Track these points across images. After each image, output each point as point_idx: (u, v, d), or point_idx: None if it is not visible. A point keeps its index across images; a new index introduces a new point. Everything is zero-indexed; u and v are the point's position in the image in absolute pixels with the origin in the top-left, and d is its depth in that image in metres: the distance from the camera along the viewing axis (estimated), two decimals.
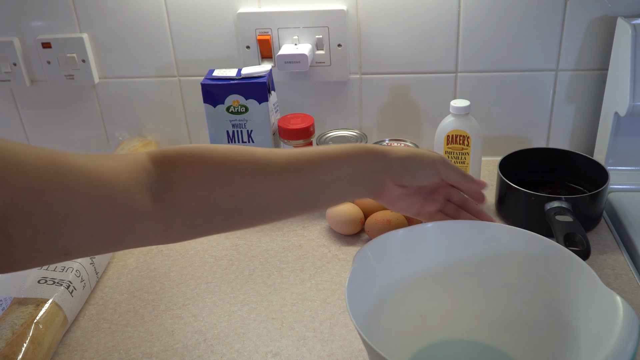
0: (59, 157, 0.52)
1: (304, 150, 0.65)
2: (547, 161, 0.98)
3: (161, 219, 0.58)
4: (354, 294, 0.60)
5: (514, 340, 0.67)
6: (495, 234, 0.67)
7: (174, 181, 0.59)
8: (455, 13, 1.01)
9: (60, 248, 0.52)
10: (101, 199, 0.53)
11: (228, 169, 0.61)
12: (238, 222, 0.63)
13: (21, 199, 0.48)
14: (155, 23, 1.07)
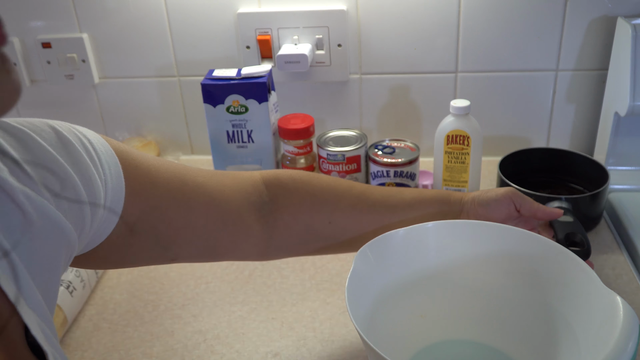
0: (185, 175, 0.57)
1: (398, 190, 0.71)
2: (547, 161, 0.98)
3: (263, 238, 0.63)
4: (354, 294, 0.60)
5: (513, 340, 0.67)
6: (495, 234, 0.67)
7: (282, 204, 0.64)
8: (455, 13, 1.01)
9: (171, 255, 0.57)
10: (216, 217, 0.59)
11: (331, 197, 0.66)
12: (331, 248, 0.69)
13: (149, 214, 0.53)
14: (155, 23, 1.07)
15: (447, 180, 0.95)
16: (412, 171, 0.95)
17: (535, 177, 0.98)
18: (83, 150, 0.48)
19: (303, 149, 0.97)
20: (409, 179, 0.95)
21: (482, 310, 0.69)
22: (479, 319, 0.69)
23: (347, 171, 0.95)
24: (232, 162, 0.99)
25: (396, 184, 0.95)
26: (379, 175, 0.95)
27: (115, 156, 0.52)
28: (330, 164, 0.95)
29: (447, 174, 0.95)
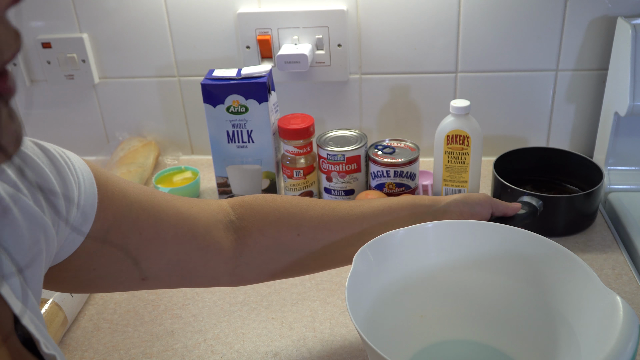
0: (153, 191, 0.59)
1: (369, 200, 0.72)
2: (542, 161, 0.99)
3: (233, 256, 0.63)
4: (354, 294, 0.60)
5: (513, 340, 0.67)
6: (495, 234, 0.67)
7: (249, 221, 0.65)
8: (455, 13, 1.01)
9: (141, 272, 0.58)
10: (185, 230, 0.59)
11: (297, 210, 0.67)
12: (304, 263, 0.68)
13: (121, 222, 0.54)
14: (155, 23, 1.07)
15: (447, 180, 0.95)
16: (412, 171, 0.95)
17: (529, 176, 0.99)
18: (57, 154, 0.50)
19: (303, 149, 0.97)
20: (409, 179, 0.95)
21: (482, 310, 0.69)
22: (479, 319, 0.69)
23: (347, 171, 0.95)
24: (232, 162, 0.99)
25: (396, 184, 0.95)
26: (379, 175, 0.95)
27: (86, 165, 0.54)
28: (330, 164, 0.95)
29: (447, 174, 0.95)
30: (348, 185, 0.97)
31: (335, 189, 0.98)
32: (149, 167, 1.11)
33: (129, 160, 1.08)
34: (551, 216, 0.87)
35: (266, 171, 0.99)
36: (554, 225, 0.89)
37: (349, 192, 0.97)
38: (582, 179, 0.96)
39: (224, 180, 1.01)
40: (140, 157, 1.10)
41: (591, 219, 0.92)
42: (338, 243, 0.68)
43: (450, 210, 0.71)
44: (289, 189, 0.99)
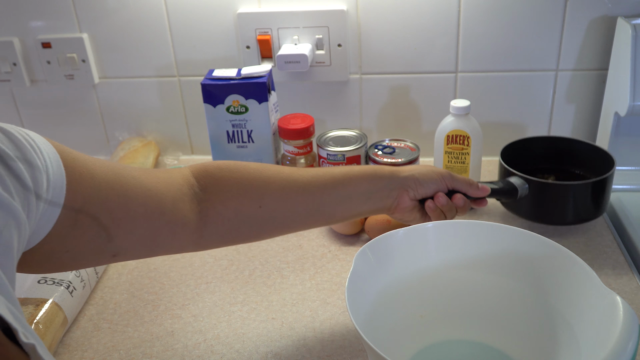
0: (121, 169, 0.59)
1: (327, 169, 0.73)
2: (550, 149, 0.97)
3: (198, 227, 0.65)
4: (354, 294, 0.60)
5: (513, 340, 0.67)
6: (495, 234, 0.67)
7: (212, 192, 0.66)
8: (455, 13, 1.01)
9: (113, 249, 0.58)
10: (154, 207, 0.60)
11: (259, 182, 0.68)
12: (265, 232, 0.71)
13: (90, 202, 0.54)
14: (155, 23, 1.07)
15: None
16: None
17: (537, 165, 0.96)
18: (22, 139, 0.50)
19: (303, 149, 0.97)
20: None
21: (482, 310, 0.69)
22: (479, 319, 0.69)
23: None
24: None
25: None
26: None
27: (51, 145, 0.54)
28: (330, 164, 0.95)
29: None
30: None
31: None
32: (149, 167, 1.11)
33: (129, 160, 1.08)
34: (550, 203, 0.85)
35: None
36: (551, 213, 0.87)
37: None
38: (591, 168, 0.92)
39: None
40: (140, 157, 1.10)
41: (597, 209, 0.87)
42: (299, 213, 0.70)
43: (406, 186, 0.74)
44: None
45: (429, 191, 0.75)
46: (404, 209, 0.75)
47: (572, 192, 0.85)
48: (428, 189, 0.75)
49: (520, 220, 0.91)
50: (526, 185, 0.83)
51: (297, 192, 0.69)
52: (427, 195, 0.75)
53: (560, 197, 0.85)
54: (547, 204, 0.86)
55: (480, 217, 0.95)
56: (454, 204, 0.76)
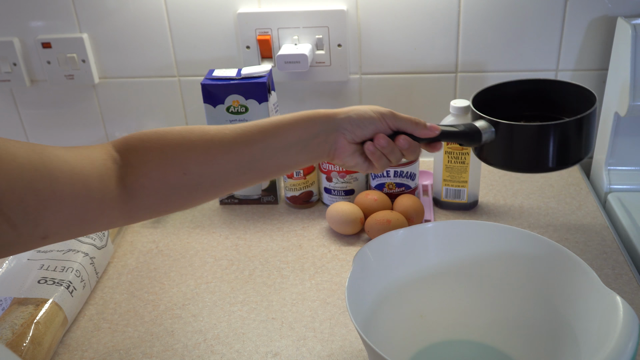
0: (43, 149, 0.57)
1: (256, 121, 0.68)
2: (529, 93, 0.85)
3: (125, 202, 0.63)
4: (354, 294, 0.60)
5: (513, 340, 0.67)
6: (495, 234, 0.67)
7: (134, 165, 0.64)
8: (455, 13, 1.01)
9: (42, 232, 0.57)
10: (80, 184, 0.59)
11: (182, 149, 0.65)
12: (196, 198, 0.68)
13: (15, 185, 0.53)
14: (155, 23, 1.07)
15: (447, 180, 0.95)
16: (412, 171, 0.95)
17: (521, 112, 0.84)
18: None
19: None
20: (409, 179, 0.95)
21: (482, 310, 0.69)
22: (479, 319, 0.69)
23: (347, 171, 0.95)
24: None
25: (396, 184, 0.95)
26: (379, 175, 0.95)
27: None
28: (330, 163, 0.95)
29: (447, 174, 0.95)
30: (348, 185, 0.97)
31: (335, 189, 0.98)
32: None
33: None
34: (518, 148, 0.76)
35: None
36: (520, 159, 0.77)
37: (349, 192, 0.97)
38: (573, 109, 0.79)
39: None
40: None
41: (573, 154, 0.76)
42: (228, 173, 0.67)
43: (342, 129, 0.68)
44: (289, 189, 0.99)
45: (368, 132, 0.69)
46: (343, 154, 0.69)
47: (541, 135, 0.74)
48: (366, 130, 0.68)
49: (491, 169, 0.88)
50: (492, 129, 0.74)
51: (223, 152, 0.65)
52: (366, 137, 0.69)
53: (528, 140, 0.75)
54: (515, 148, 0.76)
55: (480, 217, 0.95)
56: (397, 145, 0.69)
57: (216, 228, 0.97)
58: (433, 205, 0.98)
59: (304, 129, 0.68)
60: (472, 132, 0.74)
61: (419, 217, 0.91)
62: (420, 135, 0.70)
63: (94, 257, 0.84)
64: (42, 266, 0.79)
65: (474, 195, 0.96)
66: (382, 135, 0.69)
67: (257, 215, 0.99)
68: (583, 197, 0.99)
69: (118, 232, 0.96)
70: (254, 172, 0.67)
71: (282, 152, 0.67)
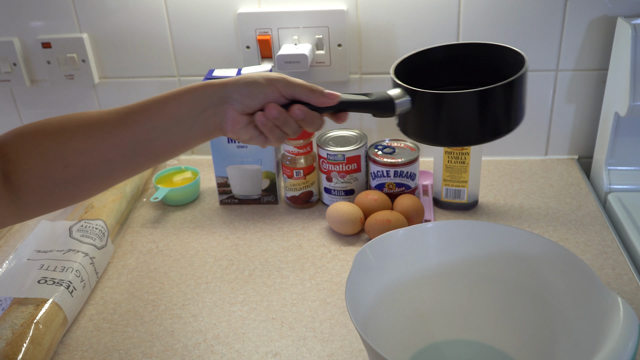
0: None
1: (141, 101, 0.63)
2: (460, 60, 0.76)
3: (12, 200, 0.60)
4: (354, 294, 0.60)
5: (513, 340, 0.67)
6: (495, 234, 0.67)
7: (15, 162, 0.60)
8: (455, 13, 1.01)
9: None
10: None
11: (60, 140, 0.61)
12: (83, 191, 0.64)
13: None
14: (155, 23, 1.07)
15: (447, 180, 0.95)
16: (412, 171, 0.95)
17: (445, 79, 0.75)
18: None
19: (303, 149, 0.97)
20: (409, 179, 0.95)
21: (482, 310, 0.69)
22: (479, 319, 0.69)
23: (347, 171, 0.95)
24: (232, 162, 0.99)
25: (396, 184, 0.95)
26: (379, 175, 0.95)
27: None
28: (330, 164, 0.95)
29: (447, 174, 0.95)
30: (348, 185, 0.97)
31: (335, 189, 0.98)
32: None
33: None
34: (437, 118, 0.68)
35: (266, 171, 0.99)
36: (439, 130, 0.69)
37: (349, 192, 0.97)
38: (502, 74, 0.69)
39: (224, 180, 1.01)
40: None
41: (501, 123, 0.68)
42: (113, 161, 0.62)
43: (231, 99, 0.63)
44: (289, 189, 0.99)
45: (259, 102, 0.63)
46: (235, 126, 0.64)
47: (460, 103, 0.66)
48: (256, 99, 0.63)
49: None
50: (408, 98, 0.66)
51: (105, 139, 0.61)
52: (256, 107, 0.63)
53: (447, 110, 0.67)
54: (433, 119, 0.68)
55: (480, 217, 0.95)
56: (291, 116, 0.64)
57: (216, 228, 0.97)
58: (433, 205, 0.98)
59: (191, 102, 0.62)
60: (383, 101, 0.66)
61: (419, 217, 0.91)
62: (316, 104, 0.64)
63: (94, 257, 0.84)
64: (42, 266, 0.79)
65: (474, 195, 0.96)
66: (273, 105, 0.63)
67: (257, 215, 0.99)
68: (583, 197, 0.99)
69: (118, 232, 0.96)
70: (141, 157, 0.63)
71: (169, 130, 0.62)
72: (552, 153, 1.12)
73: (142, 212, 1.02)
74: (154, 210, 1.03)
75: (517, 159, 1.12)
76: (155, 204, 1.04)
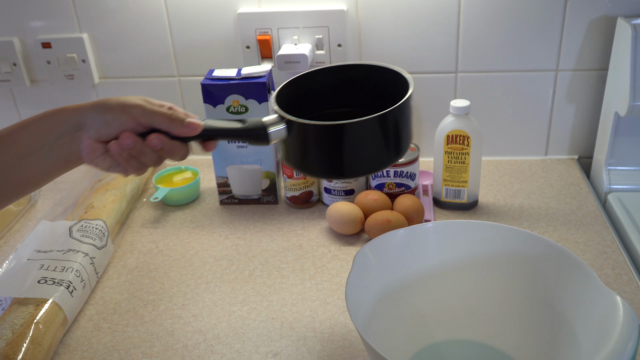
0: None
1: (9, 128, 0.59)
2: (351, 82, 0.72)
3: None
4: (354, 294, 0.60)
5: (513, 340, 0.67)
6: (495, 234, 0.67)
7: None
8: (455, 13, 1.01)
9: None
10: None
11: None
12: None
13: None
14: (155, 23, 1.07)
15: (447, 180, 0.95)
16: (412, 171, 0.95)
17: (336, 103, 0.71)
18: None
19: None
20: (409, 179, 0.95)
21: (482, 310, 0.69)
22: (479, 319, 0.69)
23: None
24: (232, 162, 0.99)
25: (396, 184, 0.95)
26: (379, 175, 0.95)
27: None
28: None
29: (447, 174, 0.95)
30: (348, 185, 0.97)
31: (335, 189, 0.98)
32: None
33: None
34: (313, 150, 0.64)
35: (266, 171, 0.99)
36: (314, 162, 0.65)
37: (349, 192, 0.97)
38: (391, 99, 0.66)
39: (224, 180, 1.01)
40: None
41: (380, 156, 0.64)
42: None
43: (86, 126, 0.59)
44: (289, 189, 0.99)
45: (114, 130, 0.59)
46: (91, 154, 0.60)
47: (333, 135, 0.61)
48: (110, 127, 0.59)
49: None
50: (284, 127, 0.62)
51: None
52: (111, 135, 0.59)
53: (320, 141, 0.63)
54: (306, 149, 0.64)
55: (480, 217, 0.95)
56: (148, 145, 0.60)
57: (216, 228, 0.97)
58: (433, 205, 0.98)
59: (45, 129, 0.59)
60: (255, 129, 0.61)
61: (419, 217, 0.91)
62: (176, 134, 0.60)
63: (94, 257, 0.84)
64: (42, 266, 0.79)
65: (474, 195, 0.96)
66: (128, 134, 0.59)
67: (257, 215, 0.99)
68: (583, 197, 0.99)
69: (118, 232, 0.96)
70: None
71: (23, 161, 0.58)
72: (552, 153, 1.12)
73: (142, 212, 1.02)
74: (154, 210, 1.03)
75: (517, 159, 1.12)
76: (155, 204, 1.04)
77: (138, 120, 0.59)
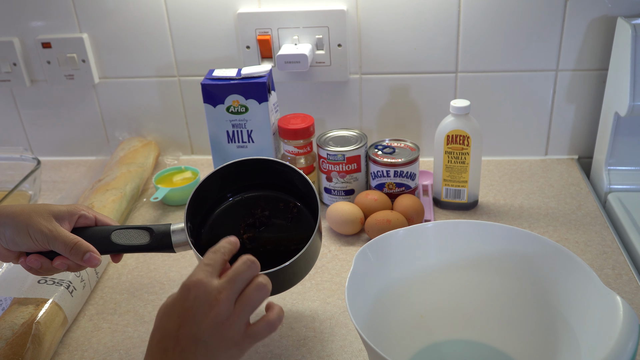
0: None
1: None
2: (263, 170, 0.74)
3: None
4: (354, 294, 0.60)
5: (513, 340, 0.67)
6: (495, 234, 0.67)
7: None
8: (455, 13, 1.01)
9: None
10: None
11: None
12: None
13: None
14: (155, 23, 1.07)
15: (447, 180, 0.95)
16: (412, 171, 0.95)
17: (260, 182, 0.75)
18: None
19: (303, 149, 0.97)
20: (409, 179, 0.95)
21: (482, 310, 0.69)
22: (479, 319, 0.69)
23: (347, 171, 0.95)
24: None
25: (396, 184, 0.95)
26: (379, 175, 0.95)
27: None
28: (330, 163, 0.95)
29: (447, 174, 0.95)
30: (348, 185, 0.97)
31: (335, 189, 0.98)
32: (149, 167, 1.11)
33: (129, 160, 1.08)
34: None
35: None
36: None
37: (349, 192, 0.97)
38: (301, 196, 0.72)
39: None
40: (140, 157, 1.10)
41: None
42: None
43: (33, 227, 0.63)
44: None
45: (24, 247, 0.64)
46: (6, 259, 0.65)
47: None
48: (18, 246, 0.64)
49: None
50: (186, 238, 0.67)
51: None
52: (20, 251, 0.65)
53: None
54: None
55: (480, 217, 0.95)
56: (55, 268, 0.65)
57: None
58: (433, 205, 0.98)
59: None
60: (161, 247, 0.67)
61: (419, 217, 0.91)
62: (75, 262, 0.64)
63: None
64: None
65: (474, 195, 0.96)
66: (35, 257, 0.64)
67: None
68: (583, 197, 0.99)
69: None
70: None
71: None
72: (552, 153, 1.12)
73: (142, 212, 1.02)
74: (154, 210, 1.03)
75: (517, 159, 1.12)
76: (155, 204, 1.04)
77: (42, 245, 0.63)
